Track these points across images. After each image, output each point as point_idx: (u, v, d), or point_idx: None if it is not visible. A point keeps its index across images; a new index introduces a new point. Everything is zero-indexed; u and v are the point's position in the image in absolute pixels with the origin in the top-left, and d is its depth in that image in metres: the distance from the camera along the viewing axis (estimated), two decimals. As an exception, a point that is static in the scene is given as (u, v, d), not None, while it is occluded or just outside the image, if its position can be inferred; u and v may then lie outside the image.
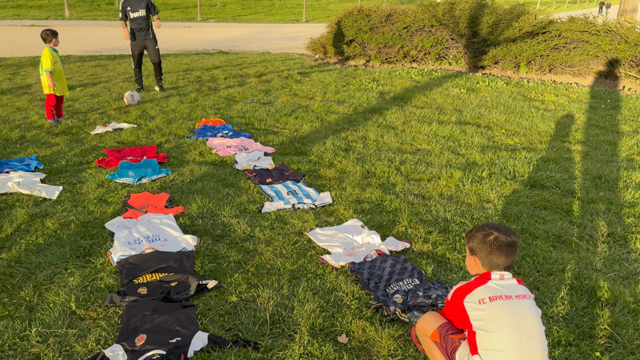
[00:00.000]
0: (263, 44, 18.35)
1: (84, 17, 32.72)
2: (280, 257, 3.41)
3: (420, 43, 12.60)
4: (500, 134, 6.47)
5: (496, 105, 8.13)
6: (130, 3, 8.23)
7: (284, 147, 5.90)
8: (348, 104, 8.23)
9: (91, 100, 8.04)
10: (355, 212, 4.15)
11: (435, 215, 4.07)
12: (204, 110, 7.56)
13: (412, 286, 3.09)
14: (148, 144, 5.84)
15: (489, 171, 5.07)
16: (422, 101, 8.47)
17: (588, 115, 7.64)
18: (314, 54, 15.05)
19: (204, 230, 3.75)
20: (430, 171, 5.09)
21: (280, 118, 7.22)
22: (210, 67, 12.13)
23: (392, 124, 7.00)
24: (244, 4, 47.91)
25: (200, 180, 4.75)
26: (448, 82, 10.28)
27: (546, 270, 3.29)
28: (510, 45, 11.44)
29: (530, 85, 10.07)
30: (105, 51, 15.01)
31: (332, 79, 10.55)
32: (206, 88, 9.38)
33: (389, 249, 3.52)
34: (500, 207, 4.24)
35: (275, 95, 8.78)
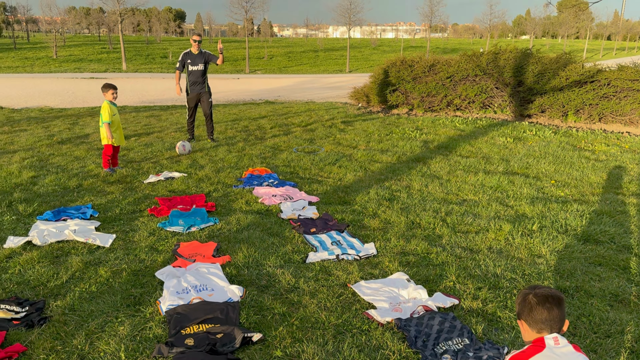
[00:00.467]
0: (308, 94, 18.83)
1: (139, 69, 34.63)
2: (324, 310, 3.38)
3: (464, 92, 12.62)
4: (550, 185, 6.31)
5: (544, 155, 7.97)
6: (191, 57, 8.68)
7: (328, 196, 5.95)
8: (391, 152, 8.26)
9: (145, 150, 8.41)
10: (401, 265, 4.09)
11: (485, 270, 3.96)
12: (250, 160, 7.76)
13: (462, 346, 2.98)
14: (197, 192, 6.01)
15: (539, 224, 4.93)
16: (467, 150, 8.41)
17: (643, 165, 7.37)
18: (357, 103, 15.30)
19: (249, 280, 3.78)
20: (478, 223, 4.99)
21: (324, 167, 7.32)
22: (257, 116, 12.51)
23: (436, 173, 6.96)
24: (290, 56, 49.56)
25: (246, 229, 4.83)
26: (494, 131, 10.18)
27: (603, 331, 3.12)
28: (557, 94, 11.30)
29: (579, 134, 9.84)
30: (159, 102, 15.77)
31: (375, 128, 10.66)
32: (253, 137, 9.65)
33: (436, 305, 3.43)
34: (553, 263, 4.09)
35: (319, 144, 8.93)
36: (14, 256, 4.16)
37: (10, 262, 4.04)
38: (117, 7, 36.32)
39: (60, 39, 57.15)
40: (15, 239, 4.47)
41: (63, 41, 58.94)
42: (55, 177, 6.60)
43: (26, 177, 6.59)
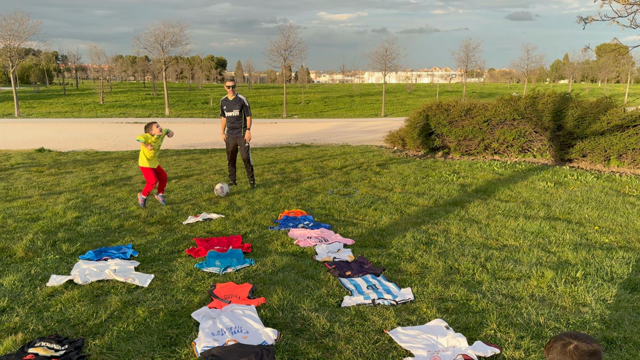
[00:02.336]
0: (343, 137, 19.03)
1: (181, 114, 35.95)
2: (360, 356, 3.30)
3: (502, 136, 12.51)
4: (593, 231, 6.10)
5: (587, 200, 7.74)
6: (227, 103, 8.84)
7: (363, 239, 5.91)
8: (428, 196, 8.19)
9: (184, 192, 8.61)
10: (439, 311, 3.98)
11: (527, 319, 3.82)
12: (286, 201, 7.83)
13: (504, 398, 2.84)
14: (234, 234, 6.08)
15: (583, 271, 4.74)
16: (506, 194, 8.26)
17: (694, 211, 7.05)
18: (393, 146, 15.35)
19: (283, 324, 3.75)
20: (519, 269, 4.84)
21: (360, 209, 7.30)
22: (293, 159, 12.68)
23: (475, 217, 6.84)
24: (326, 101, 50.51)
25: (281, 271, 4.83)
26: (533, 175, 9.99)
27: (660, 388, 2.93)
28: (599, 138, 11.05)
29: (623, 179, 9.54)
30: (199, 145, 16.23)
31: (411, 171, 10.63)
32: (289, 180, 9.77)
33: (477, 354, 3.31)
34: (599, 312, 3.91)
35: (354, 187, 8.95)
36: (55, 294, 4.28)
37: (52, 301, 4.15)
38: (161, 56, 38.16)
39: (107, 86, 60.13)
40: (58, 277, 4.60)
41: (110, 88, 61.99)
42: (98, 218, 6.81)
43: (70, 218, 6.83)
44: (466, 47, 48.46)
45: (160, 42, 37.49)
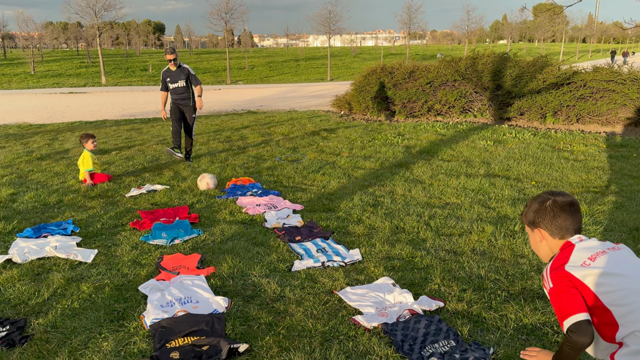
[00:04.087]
0: (290, 103, 18.87)
1: (119, 83, 34.41)
2: (311, 318, 3.37)
3: (444, 97, 12.77)
4: (530, 186, 6.40)
5: (524, 157, 8.08)
6: (170, 74, 8.26)
7: (312, 204, 5.95)
8: (374, 159, 8.30)
9: (126, 163, 8.33)
10: (386, 270, 4.10)
11: (469, 272, 3.99)
12: (233, 170, 7.73)
13: (448, 348, 2.99)
14: (180, 204, 5.97)
15: (521, 225, 4.99)
16: (448, 154, 8.49)
17: (620, 164, 7.51)
18: (340, 110, 15.37)
19: (234, 291, 3.75)
20: (461, 226, 5.03)
21: (308, 175, 7.32)
22: (240, 127, 12.49)
23: (419, 178, 7.01)
24: (271, 66, 49.66)
25: (230, 239, 4.80)
26: (474, 135, 10.30)
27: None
28: (535, 96, 11.49)
29: (558, 135, 10.01)
30: (140, 115, 15.66)
31: (357, 135, 10.71)
32: (236, 147, 9.63)
33: (422, 308, 3.45)
34: (535, 262, 4.14)
35: (302, 153, 8.94)
36: (-7, 275, 4.08)
37: (-11, 282, 3.96)
38: (95, 21, 36.08)
39: (37, 55, 56.52)
40: (-5, 257, 4.38)
41: (41, 56, 58.30)
42: (35, 194, 6.50)
43: (5, 195, 6.48)
44: (408, 9, 48.59)
45: (92, 6, 35.34)
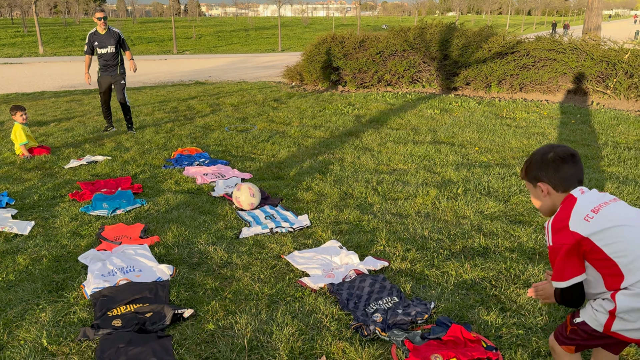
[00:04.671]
0: (239, 74, 18.49)
1: (58, 53, 32.65)
2: (258, 282, 3.37)
3: (394, 67, 12.83)
4: (474, 152, 6.58)
5: (469, 124, 8.28)
6: (98, 38, 7.79)
7: (262, 172, 5.90)
8: (325, 128, 8.29)
9: (65, 135, 7.96)
10: (334, 234, 4.14)
11: (413, 233, 4.09)
12: (180, 140, 7.54)
13: (392, 304, 3.07)
14: (123, 175, 5.78)
15: (464, 188, 5.13)
16: (397, 123, 8.59)
17: (559, 130, 7.82)
18: (291, 81, 15.21)
19: (179, 259, 3.69)
20: (407, 190, 5.12)
21: (258, 144, 7.24)
22: (187, 97, 12.16)
23: (368, 145, 7.06)
24: (220, 36, 48.35)
25: (176, 209, 4.70)
26: (422, 104, 10.45)
27: (523, 282, 3.31)
28: (481, 66, 11.73)
29: (501, 104, 10.30)
30: (81, 86, 14.95)
31: (308, 105, 10.65)
32: (182, 118, 9.38)
33: (367, 268, 3.51)
34: (476, 223, 4.28)
35: (252, 123, 8.82)
36: None
37: None
38: (29, -13, 33.83)
39: (-34, 23, 52.63)
40: None
41: (-30, 25, 54.32)
42: (-35, 167, 6.13)
43: None
44: (360, -21, 48.16)
45: (25, -30, 33.09)
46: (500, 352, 2.62)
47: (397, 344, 2.70)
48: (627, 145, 6.80)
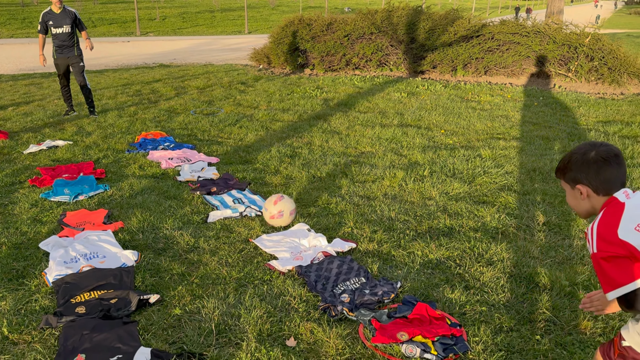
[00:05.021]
0: (205, 56, 18.15)
1: (15, 34, 31.36)
2: (226, 266, 3.35)
3: (362, 50, 12.81)
4: (440, 134, 6.66)
5: (435, 108, 8.37)
6: (53, 17, 7.49)
7: (229, 156, 5.84)
8: (293, 111, 8.25)
9: (24, 119, 7.68)
10: (302, 217, 4.14)
11: (380, 215, 4.13)
12: (144, 124, 7.38)
13: (359, 285, 3.10)
14: (85, 160, 5.63)
15: (430, 170, 5.20)
16: (365, 106, 8.60)
17: (522, 112, 7.99)
18: (258, 64, 15.02)
19: (144, 245, 3.64)
20: (375, 173, 5.16)
21: (224, 128, 7.15)
22: (151, 80, 11.87)
23: (336, 129, 7.06)
24: (184, 17, 47.29)
25: (140, 194, 4.62)
26: (389, 87, 10.50)
27: (486, 260, 3.39)
28: (447, 49, 11.82)
29: (467, 87, 10.43)
30: (40, 69, 14.41)
31: (276, 88, 10.56)
32: (146, 101, 9.17)
33: (335, 250, 3.53)
34: (442, 203, 4.35)
35: (218, 106, 8.69)
36: None
37: None
38: (-19, -36, 32.21)
39: None
40: None
41: None
42: None
43: None
44: (327, -39, 47.65)
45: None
46: (464, 328, 2.69)
47: (364, 323, 2.73)
48: (587, 127, 7.00)
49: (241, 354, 2.48)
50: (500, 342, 2.58)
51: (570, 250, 3.53)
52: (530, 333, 2.66)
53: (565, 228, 3.87)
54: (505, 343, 2.58)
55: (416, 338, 2.56)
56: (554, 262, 3.38)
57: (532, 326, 2.72)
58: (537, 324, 2.74)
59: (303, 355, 2.50)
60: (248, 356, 2.47)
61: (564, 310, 2.84)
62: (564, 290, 3.03)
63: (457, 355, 2.48)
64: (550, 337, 2.63)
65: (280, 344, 2.57)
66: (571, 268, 3.29)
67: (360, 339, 2.61)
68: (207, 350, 2.53)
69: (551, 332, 2.68)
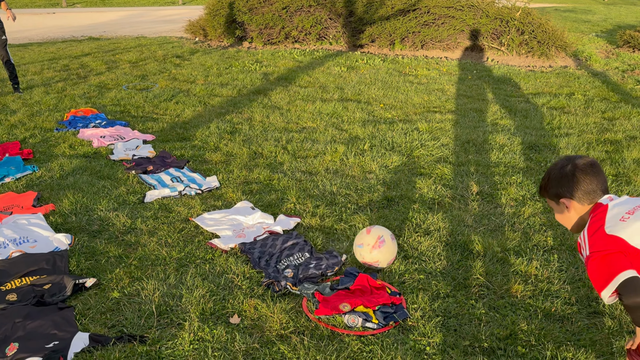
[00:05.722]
0: (138, 29, 17.35)
1: None
2: (165, 246, 3.28)
3: (301, 23, 12.66)
4: (379, 109, 6.75)
5: (374, 82, 8.45)
6: None
7: (165, 133, 5.66)
8: (231, 86, 8.08)
9: (-64, 97, 7.10)
10: (244, 194, 4.11)
11: (322, 190, 4.16)
12: (73, 100, 7.00)
13: (303, 259, 3.13)
14: (10, 140, 5.29)
15: (370, 144, 5.27)
16: (305, 81, 8.56)
17: (457, 86, 8.22)
18: (194, 37, 14.53)
19: (78, 228, 3.49)
20: (316, 148, 5.17)
21: (160, 104, 6.91)
22: (80, 54, 11.24)
23: (277, 104, 7.00)
24: (114, -13, 44.84)
25: (71, 174, 4.41)
26: (329, 61, 10.47)
27: (424, 230, 3.51)
28: (385, 23, 11.90)
29: (404, 61, 10.59)
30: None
31: (213, 62, 10.28)
32: (75, 76, 8.69)
33: (279, 226, 3.54)
34: (382, 177, 4.44)
35: (152, 81, 8.37)
36: None
37: None
38: None
39: None
40: None
41: None
42: None
43: None
44: None
45: None
46: (403, 296, 2.78)
47: (307, 296, 2.77)
48: (518, 99, 7.31)
49: (184, 334, 2.45)
50: (437, 308, 2.70)
51: (502, 218, 3.71)
52: (465, 298, 2.80)
53: (497, 197, 4.06)
54: (442, 309, 2.70)
55: (358, 308, 2.63)
56: (487, 229, 3.54)
57: (467, 291, 2.86)
58: (471, 289, 2.88)
59: (247, 332, 2.51)
60: (191, 336, 2.45)
61: (496, 275, 2.99)
62: (496, 256, 3.19)
63: (397, 323, 2.57)
64: (484, 301, 2.77)
65: (223, 322, 2.57)
66: (502, 235, 3.46)
67: (304, 312, 2.64)
68: (148, 332, 2.49)
69: (485, 296, 2.83)
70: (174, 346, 2.39)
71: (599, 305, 2.72)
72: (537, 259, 3.15)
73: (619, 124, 6.01)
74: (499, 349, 2.41)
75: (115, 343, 2.37)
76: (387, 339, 2.46)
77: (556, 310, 2.69)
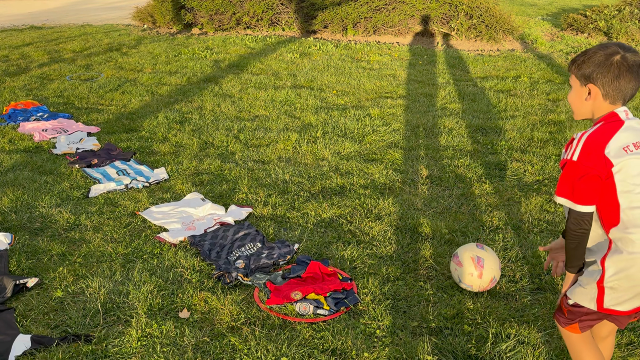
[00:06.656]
0: (82, 16, 16.66)
1: None
2: (111, 242, 3.19)
3: (252, 9, 12.46)
4: (332, 95, 6.74)
5: (327, 68, 8.43)
6: None
7: (111, 124, 5.48)
8: (181, 74, 7.89)
9: None
10: (194, 185, 4.04)
11: (275, 178, 4.13)
12: (12, 93, 6.67)
13: (255, 250, 3.11)
14: (-58, 136, 5.01)
15: (322, 131, 5.27)
16: (257, 68, 8.45)
17: (408, 71, 8.30)
18: (142, 24, 14.08)
19: (18, 226, 3.35)
20: (269, 136, 5.13)
21: (105, 94, 6.67)
22: (20, 44, 10.71)
23: (228, 92, 6.88)
24: (56, -28, 42.79)
25: (11, 170, 4.21)
26: (282, 48, 10.37)
27: (375, 215, 3.55)
28: (337, 8, 11.86)
29: (357, 47, 10.60)
30: None
31: (162, 49, 10.00)
32: (15, 67, 8.27)
33: (231, 217, 3.49)
34: (334, 164, 4.45)
35: (98, 70, 8.07)
36: None
37: None
38: None
39: None
40: None
41: None
42: None
43: None
44: None
45: None
46: (355, 281, 2.81)
47: (259, 286, 2.76)
48: (466, 83, 7.45)
49: (131, 331, 2.40)
50: (387, 291, 2.74)
51: (450, 200, 3.79)
52: (414, 280, 2.85)
53: (446, 180, 4.14)
54: (392, 292, 2.74)
55: (309, 295, 2.64)
56: (436, 212, 3.61)
57: (416, 274, 2.91)
58: (420, 271, 2.94)
59: (197, 325, 2.47)
60: (138, 332, 2.40)
61: (444, 257, 3.06)
62: (444, 238, 3.26)
63: (347, 308, 2.59)
64: (432, 283, 2.83)
65: (172, 317, 2.53)
66: (450, 217, 3.54)
67: (255, 303, 2.63)
68: (94, 330, 2.42)
69: (433, 277, 2.89)
70: (121, 344, 2.34)
71: (542, 282, 2.83)
72: (483, 238, 3.24)
73: (563, 105, 6.23)
74: (446, 328, 2.48)
75: (59, 344, 2.30)
76: (338, 325, 2.48)
77: (501, 288, 2.78)
